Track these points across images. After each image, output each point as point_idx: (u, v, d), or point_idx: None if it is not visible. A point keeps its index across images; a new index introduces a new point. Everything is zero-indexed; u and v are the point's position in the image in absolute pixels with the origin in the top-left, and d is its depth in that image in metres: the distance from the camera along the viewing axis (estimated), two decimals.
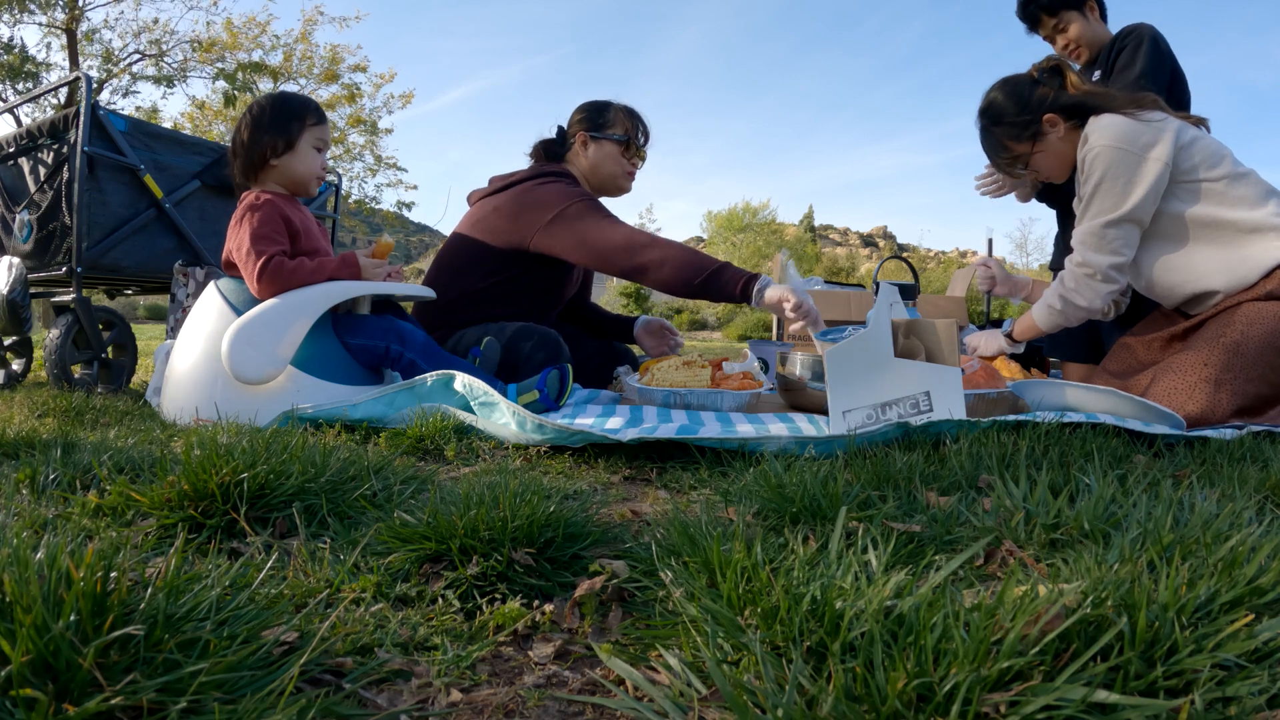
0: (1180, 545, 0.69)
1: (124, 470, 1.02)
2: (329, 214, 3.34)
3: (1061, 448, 1.22)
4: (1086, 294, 1.80)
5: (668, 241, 1.97)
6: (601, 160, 2.23)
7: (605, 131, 2.22)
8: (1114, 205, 1.73)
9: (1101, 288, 1.78)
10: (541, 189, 2.08)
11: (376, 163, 13.97)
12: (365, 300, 1.90)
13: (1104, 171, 1.72)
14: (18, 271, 2.40)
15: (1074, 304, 1.82)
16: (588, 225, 1.99)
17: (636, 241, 1.95)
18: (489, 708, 0.52)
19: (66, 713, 0.41)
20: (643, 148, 2.30)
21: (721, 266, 1.89)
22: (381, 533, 0.78)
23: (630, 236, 1.96)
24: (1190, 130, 1.75)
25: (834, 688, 0.45)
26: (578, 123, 2.25)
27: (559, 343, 1.97)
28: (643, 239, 1.96)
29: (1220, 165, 1.73)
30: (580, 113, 2.27)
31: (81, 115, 2.36)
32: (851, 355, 1.37)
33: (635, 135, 2.26)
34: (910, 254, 32.96)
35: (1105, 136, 1.72)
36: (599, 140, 2.22)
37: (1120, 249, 1.75)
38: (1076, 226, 1.81)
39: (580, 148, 2.23)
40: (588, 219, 2.00)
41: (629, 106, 2.29)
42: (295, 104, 1.85)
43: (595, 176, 2.25)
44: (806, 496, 0.89)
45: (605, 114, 2.24)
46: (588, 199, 2.05)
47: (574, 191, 2.06)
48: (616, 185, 2.28)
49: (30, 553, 0.51)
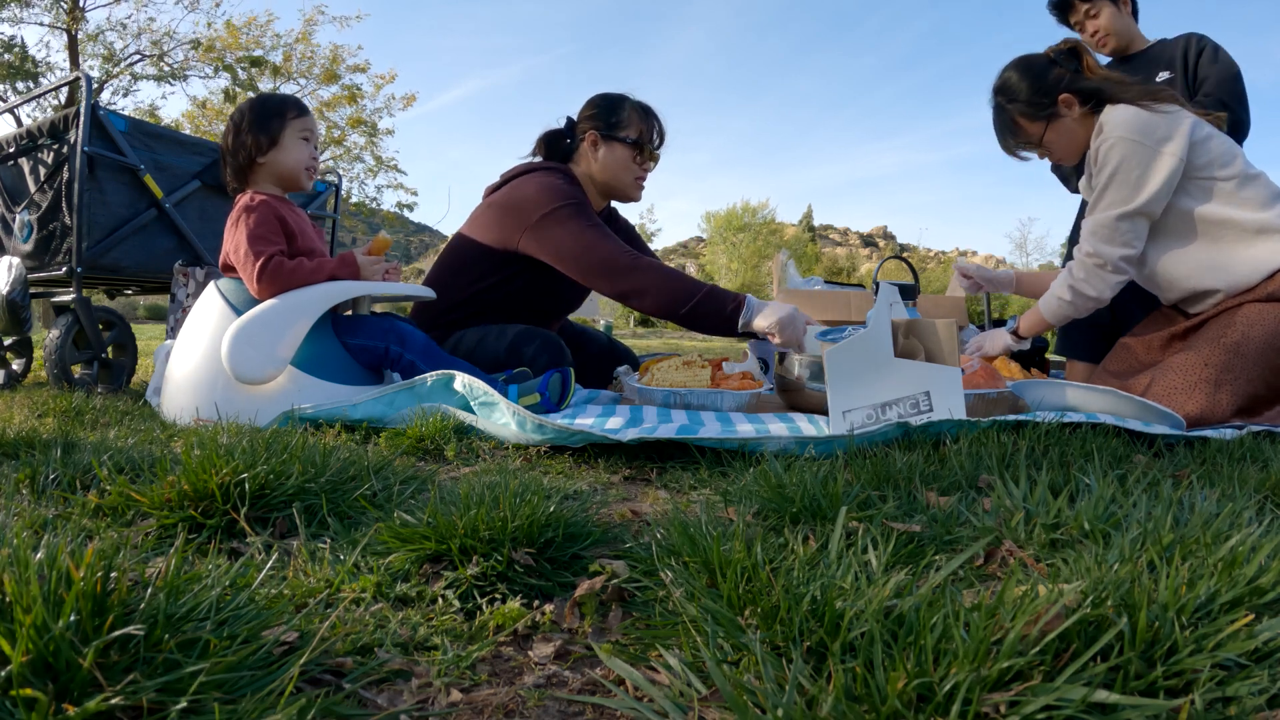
0: (1180, 545, 0.69)
1: (124, 470, 1.02)
2: (329, 214, 3.34)
3: (1061, 448, 1.22)
4: (1096, 285, 1.80)
5: (651, 265, 1.86)
6: (611, 164, 2.06)
7: (618, 132, 2.05)
8: (1127, 198, 1.72)
9: (1111, 278, 1.78)
10: (530, 184, 1.96)
11: (377, 164, 13.98)
12: (365, 300, 1.90)
13: (1118, 163, 1.71)
14: (18, 271, 2.40)
15: (1084, 295, 1.82)
16: (572, 232, 1.87)
17: (620, 263, 1.84)
18: (489, 708, 0.52)
19: (66, 713, 0.41)
20: (656, 150, 2.14)
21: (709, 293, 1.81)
22: (381, 533, 0.78)
23: (614, 256, 1.84)
24: (1205, 127, 1.75)
25: (834, 688, 0.45)
26: (588, 119, 2.08)
27: (561, 346, 1.94)
28: (626, 261, 1.84)
29: (1232, 165, 1.72)
30: (591, 108, 2.10)
31: (81, 115, 2.36)
32: (851, 355, 1.37)
33: (650, 138, 2.10)
34: (910, 254, 32.96)
35: (1121, 128, 1.71)
36: (610, 142, 2.05)
37: (1131, 241, 1.75)
38: (1088, 216, 1.81)
39: (589, 147, 2.07)
40: (572, 225, 1.87)
41: (645, 104, 2.12)
42: (274, 101, 1.87)
43: (604, 180, 2.08)
44: (806, 496, 0.89)
45: (619, 112, 2.07)
46: (576, 203, 1.92)
47: (565, 191, 1.92)
48: (625, 193, 2.12)
49: (30, 553, 0.51)
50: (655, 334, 19.61)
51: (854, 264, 33.22)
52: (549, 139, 2.14)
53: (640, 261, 1.85)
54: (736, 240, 29.15)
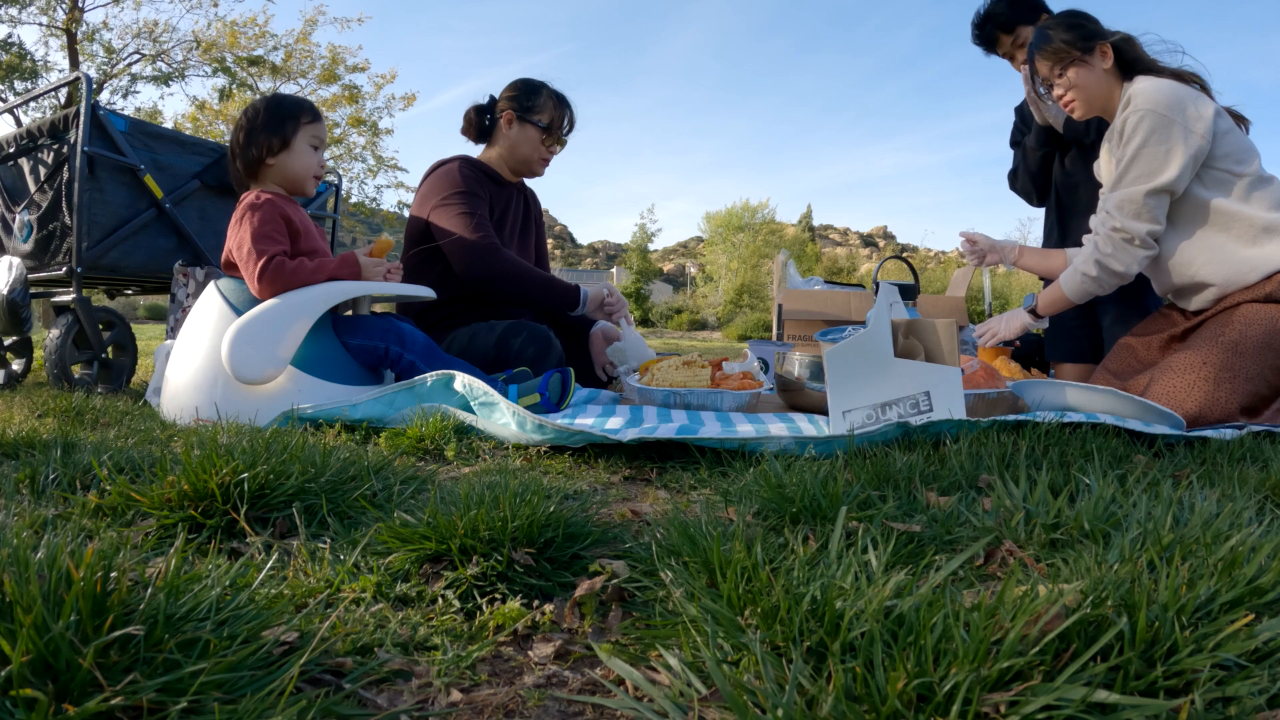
0: (1180, 545, 0.69)
1: (124, 470, 1.02)
2: (329, 214, 3.34)
3: (1061, 448, 1.22)
4: (1124, 259, 1.78)
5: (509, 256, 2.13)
6: (521, 142, 2.28)
7: (531, 115, 2.27)
8: (1154, 172, 1.71)
9: (1139, 253, 1.77)
10: (435, 173, 2.22)
11: (377, 163, 13.98)
12: (365, 300, 1.90)
13: (1146, 136, 1.71)
14: (18, 271, 2.40)
15: (1110, 269, 1.80)
16: (451, 216, 2.12)
17: (480, 246, 2.10)
18: (489, 708, 0.52)
19: (66, 713, 0.41)
20: (565, 135, 2.36)
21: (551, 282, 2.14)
22: (381, 533, 0.78)
23: (477, 241, 2.10)
24: (1228, 120, 1.75)
25: (834, 688, 0.45)
26: (508, 100, 2.29)
27: (549, 338, 2.00)
28: (486, 244, 2.10)
29: (1249, 164, 1.72)
30: (512, 90, 2.30)
31: (81, 115, 2.36)
32: (851, 355, 1.37)
33: (560, 125, 2.32)
34: (912, 255, 32.97)
35: (1149, 99, 1.71)
36: (524, 123, 2.27)
37: (1159, 217, 1.75)
38: (1111, 190, 1.80)
39: (505, 124, 2.28)
40: (453, 209, 2.13)
41: (560, 94, 2.33)
42: (289, 104, 1.87)
43: (511, 156, 2.31)
44: (806, 496, 0.89)
45: (535, 98, 2.28)
46: (462, 194, 2.15)
47: (460, 179, 2.17)
48: (530, 168, 2.34)
49: (30, 553, 0.51)
50: (655, 334, 19.61)
51: (854, 264, 33.22)
52: (475, 111, 2.36)
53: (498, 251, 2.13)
54: (736, 240, 29.14)
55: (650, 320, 24.36)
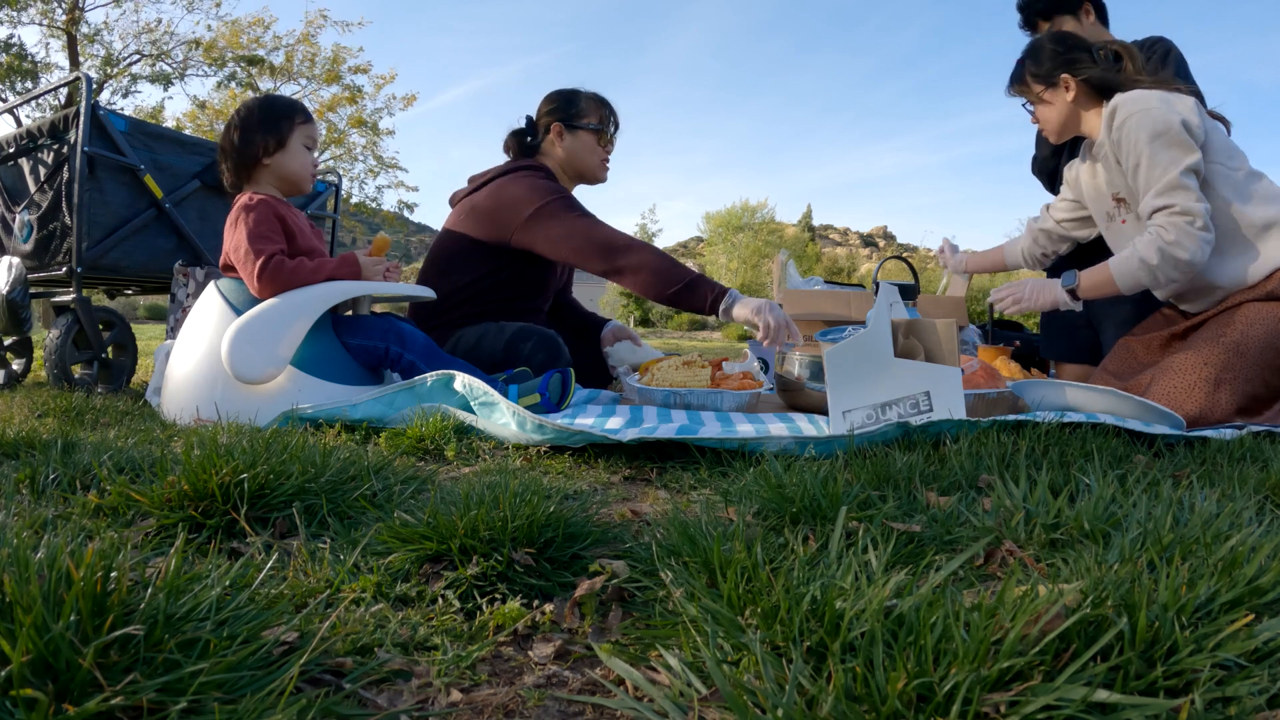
0: (1180, 545, 0.69)
1: (124, 470, 1.02)
2: (329, 214, 3.34)
3: (1061, 448, 1.22)
4: (1190, 245, 1.66)
5: (644, 245, 1.99)
6: (577, 150, 2.23)
7: (580, 121, 2.22)
8: (1176, 159, 1.67)
9: (1204, 236, 1.67)
10: (516, 185, 2.10)
11: (378, 164, 13.99)
12: (365, 300, 1.90)
13: (1151, 131, 1.68)
14: (18, 271, 2.40)
15: (1176, 258, 1.67)
16: (565, 223, 2.01)
17: (615, 243, 1.97)
18: (489, 708, 0.52)
19: (66, 713, 0.41)
20: (613, 136, 2.32)
21: (696, 279, 1.95)
22: (381, 533, 0.78)
23: (609, 238, 1.98)
24: (1209, 119, 1.74)
25: (834, 688, 0.45)
26: (549, 114, 2.24)
27: (558, 343, 1.98)
28: (621, 241, 1.98)
29: (1238, 159, 1.72)
30: (550, 103, 2.26)
31: (81, 115, 2.36)
32: (851, 355, 1.37)
33: (607, 124, 2.28)
34: (913, 255, 33.00)
35: (1135, 103, 1.71)
36: (575, 131, 2.22)
37: (1203, 196, 1.68)
38: (1148, 191, 1.73)
39: (555, 139, 2.23)
40: (564, 217, 2.02)
41: (598, 94, 2.29)
42: (282, 104, 1.87)
43: (572, 167, 2.25)
44: (806, 496, 0.89)
45: (577, 104, 2.24)
46: (563, 196, 2.06)
47: (549, 188, 2.07)
48: (594, 174, 2.29)
49: (30, 553, 0.51)
50: (655, 334, 19.62)
51: (854, 264, 33.22)
52: (516, 137, 2.30)
53: (635, 243, 2.00)
54: (736, 240, 29.15)
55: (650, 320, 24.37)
